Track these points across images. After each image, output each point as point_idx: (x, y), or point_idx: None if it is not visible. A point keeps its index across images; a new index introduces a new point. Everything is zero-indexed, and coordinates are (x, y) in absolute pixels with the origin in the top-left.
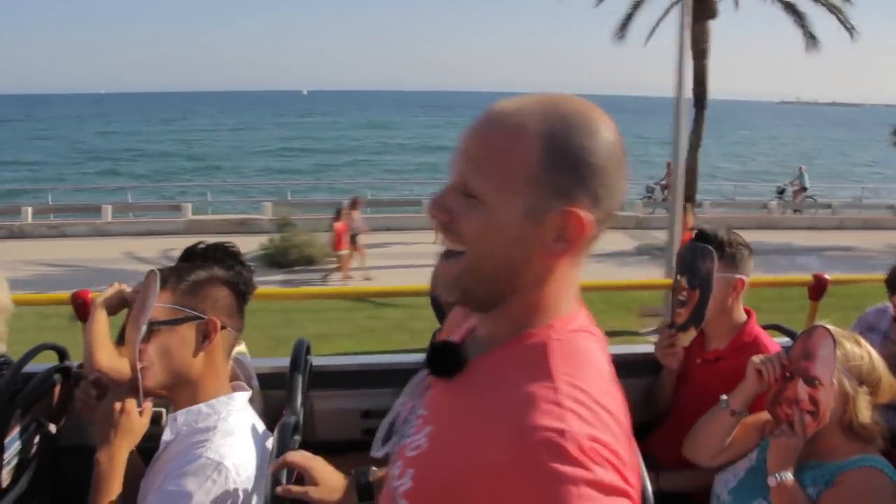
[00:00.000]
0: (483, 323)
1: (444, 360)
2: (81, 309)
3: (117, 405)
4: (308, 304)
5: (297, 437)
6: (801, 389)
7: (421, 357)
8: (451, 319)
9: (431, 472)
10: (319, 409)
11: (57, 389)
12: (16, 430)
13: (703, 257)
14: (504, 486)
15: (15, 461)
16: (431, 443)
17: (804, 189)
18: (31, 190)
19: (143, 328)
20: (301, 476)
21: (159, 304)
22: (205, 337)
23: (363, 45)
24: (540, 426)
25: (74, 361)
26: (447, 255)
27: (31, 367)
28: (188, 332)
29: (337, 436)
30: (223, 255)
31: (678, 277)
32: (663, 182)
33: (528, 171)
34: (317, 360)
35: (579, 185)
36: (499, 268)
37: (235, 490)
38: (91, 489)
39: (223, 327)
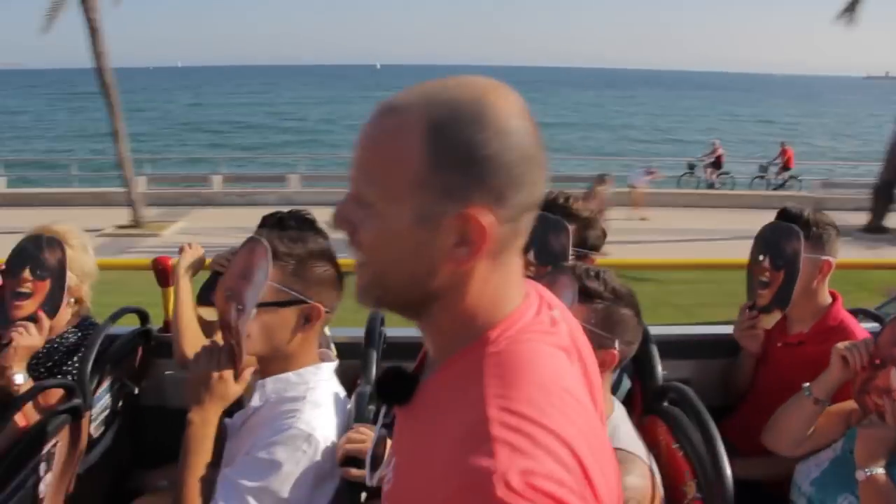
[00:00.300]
0: (426, 339)
1: (391, 386)
2: (162, 275)
3: (215, 373)
4: None
5: (372, 407)
6: (894, 378)
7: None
8: None
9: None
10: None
11: (139, 351)
12: (103, 387)
13: (789, 237)
14: None
15: (102, 417)
16: (395, 476)
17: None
18: (151, 160)
19: (253, 310)
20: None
21: (265, 282)
22: (307, 320)
23: (436, 19)
24: (466, 466)
25: (155, 325)
26: (358, 267)
27: (114, 329)
28: (291, 315)
29: None
30: (300, 223)
31: (760, 257)
32: (777, 161)
33: (413, 173)
34: (389, 332)
35: (474, 183)
36: (403, 278)
37: (324, 461)
38: (182, 449)
39: (327, 311)
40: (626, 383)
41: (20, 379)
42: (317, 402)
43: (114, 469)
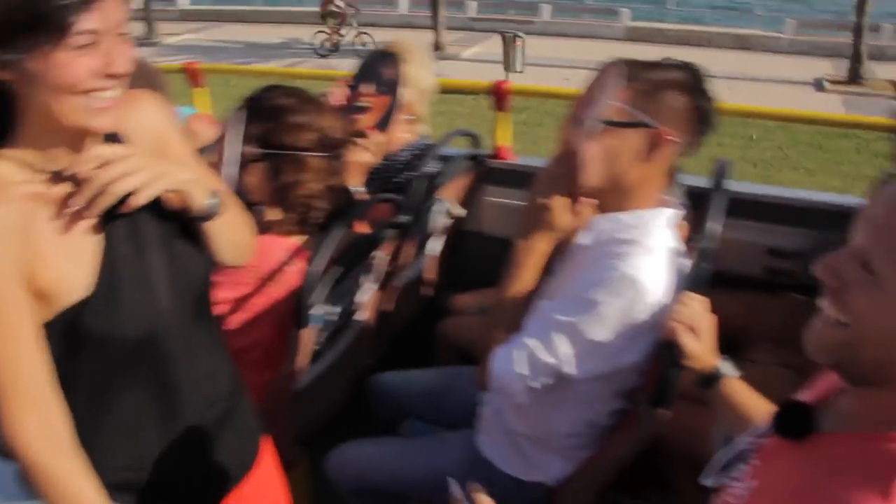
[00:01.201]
0: (851, 395)
1: (793, 420)
2: (500, 99)
3: (543, 201)
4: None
5: (706, 266)
6: None
7: (847, 201)
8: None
9: None
10: (724, 238)
11: (466, 175)
12: (431, 207)
13: None
14: None
15: (423, 236)
16: (751, 499)
17: None
18: None
19: (594, 123)
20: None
21: (613, 102)
22: (652, 147)
23: None
24: None
25: (485, 149)
26: (830, 321)
27: (448, 150)
28: (636, 139)
29: (736, 269)
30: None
31: None
32: None
33: None
34: (735, 186)
35: None
36: (884, 358)
37: (641, 312)
38: (506, 272)
39: (673, 141)
40: None
41: (361, 190)
42: (649, 249)
43: (429, 287)
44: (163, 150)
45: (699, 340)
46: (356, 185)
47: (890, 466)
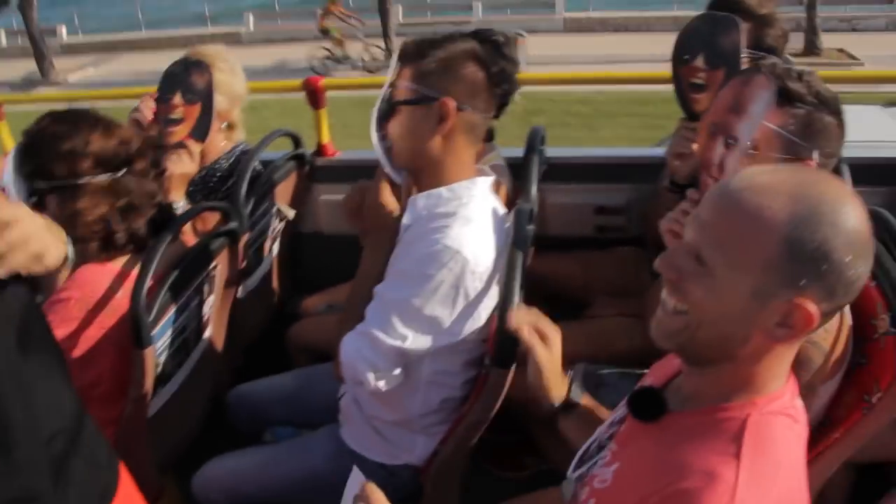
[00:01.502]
0: (690, 377)
1: (646, 404)
2: (313, 96)
3: (375, 197)
4: None
5: (532, 227)
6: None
7: (657, 153)
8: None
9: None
10: (552, 203)
11: (293, 177)
12: (258, 212)
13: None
14: None
15: (259, 242)
16: (614, 481)
17: None
18: None
19: (384, 106)
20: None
21: (402, 84)
22: (441, 117)
23: None
24: (700, 498)
25: (308, 149)
26: (670, 311)
27: (268, 154)
28: (424, 113)
29: (568, 231)
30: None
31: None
32: None
33: (765, 256)
34: (551, 152)
35: (815, 278)
36: (716, 337)
37: (471, 280)
38: (361, 266)
39: (460, 108)
40: None
41: (181, 204)
42: (468, 218)
43: (273, 294)
44: None
45: (549, 349)
46: (177, 197)
47: (730, 431)
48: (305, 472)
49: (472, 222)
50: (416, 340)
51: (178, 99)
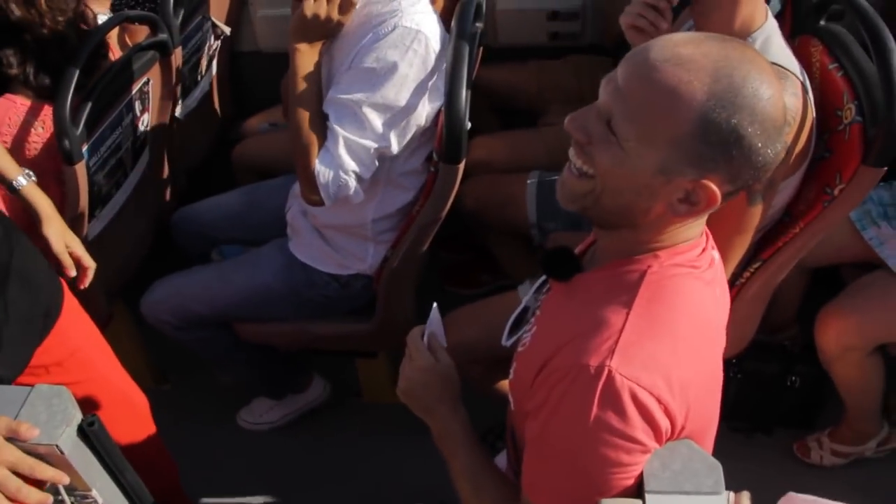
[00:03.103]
0: (599, 238)
1: (558, 263)
2: None
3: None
4: None
5: (479, 25)
6: None
7: None
8: None
9: (522, 370)
10: (502, 9)
11: None
12: (191, 26)
13: None
14: (547, 396)
15: (194, 60)
16: (531, 343)
17: None
18: None
19: None
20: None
21: None
22: None
23: None
24: (588, 350)
25: None
26: (577, 171)
27: None
28: None
29: (520, 40)
30: None
31: None
32: None
33: (676, 133)
34: None
35: (723, 161)
36: (620, 205)
37: (433, 62)
38: (288, 88)
39: None
40: (776, 3)
41: (103, 20)
42: (411, 3)
43: (214, 115)
44: None
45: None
46: (101, 7)
47: (628, 283)
48: (255, 286)
49: (418, 4)
50: (393, 136)
51: None
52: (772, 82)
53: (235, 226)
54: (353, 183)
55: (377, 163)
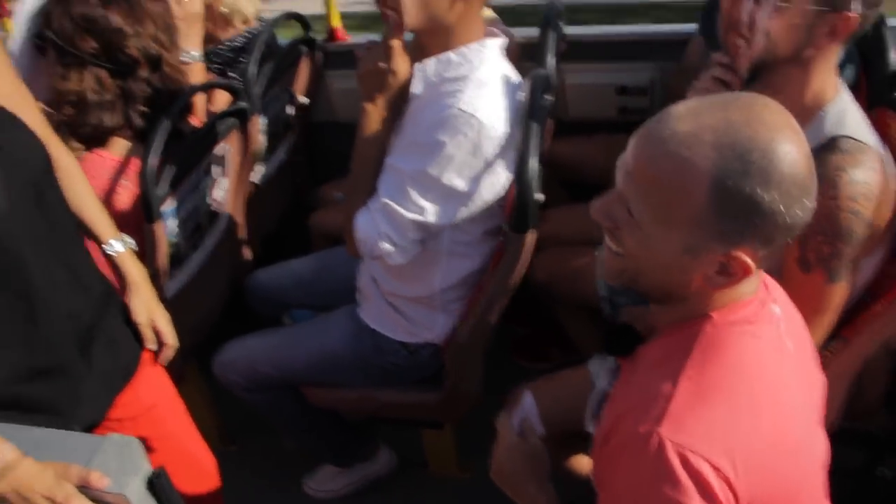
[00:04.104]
0: (655, 310)
1: (618, 339)
2: None
3: (381, 63)
4: None
5: (549, 98)
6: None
7: (681, 29)
8: None
9: (599, 449)
10: (571, 84)
11: (306, 63)
12: (271, 95)
13: None
14: (607, 468)
15: (274, 129)
16: (602, 422)
17: None
18: None
19: None
20: None
21: None
22: None
23: None
24: (640, 419)
25: (318, 35)
26: (612, 252)
27: (282, 40)
28: None
29: (589, 113)
30: None
31: None
32: None
33: (692, 211)
34: (569, 29)
35: (747, 231)
36: (657, 281)
37: (489, 145)
38: (356, 141)
39: None
40: (849, 72)
41: (188, 57)
42: (481, 82)
43: (290, 183)
44: None
45: None
46: (192, 45)
47: (683, 349)
48: (323, 350)
49: (485, 86)
50: (434, 212)
51: None
52: (786, 138)
53: (307, 291)
54: (387, 246)
55: (419, 233)
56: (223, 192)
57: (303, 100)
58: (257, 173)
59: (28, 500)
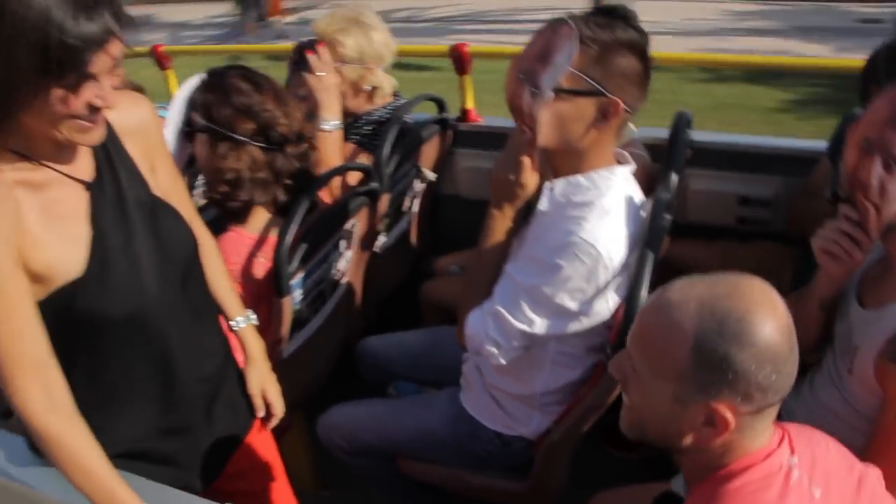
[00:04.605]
0: (679, 465)
1: None
2: (459, 62)
3: (511, 177)
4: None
5: (669, 217)
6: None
7: (810, 146)
8: None
9: None
10: (694, 189)
11: (437, 139)
12: (400, 172)
13: None
14: None
15: (399, 202)
16: None
17: None
18: None
19: (550, 94)
20: None
21: (566, 68)
22: (603, 116)
23: None
24: None
25: (452, 114)
26: (627, 406)
27: (414, 116)
28: (587, 107)
29: (709, 219)
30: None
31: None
32: None
33: (679, 366)
34: (697, 136)
35: (725, 386)
36: (659, 430)
37: (604, 274)
38: (479, 238)
39: (626, 110)
40: None
41: (328, 126)
42: (605, 211)
43: (409, 251)
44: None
45: None
46: (331, 116)
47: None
48: (423, 429)
49: (608, 215)
50: (542, 325)
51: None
52: (763, 311)
53: (415, 365)
54: (493, 348)
55: (524, 341)
56: (346, 262)
57: (430, 175)
58: (379, 243)
59: None
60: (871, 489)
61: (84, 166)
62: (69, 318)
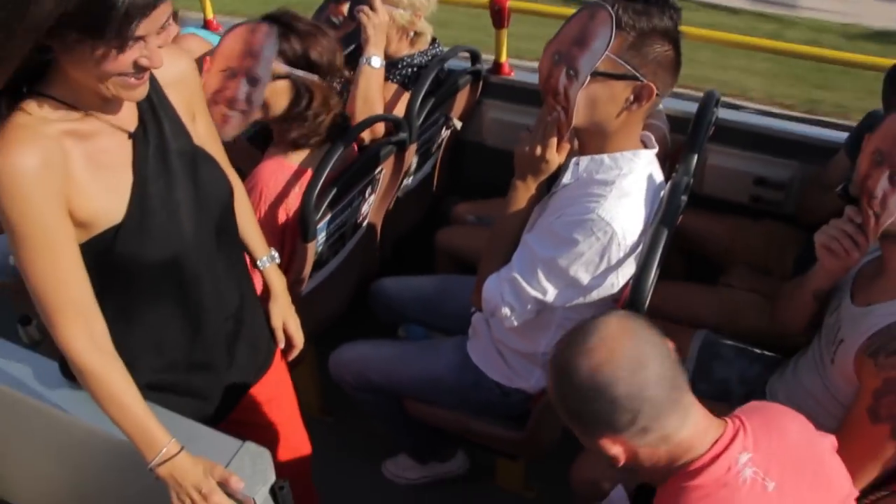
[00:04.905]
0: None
1: (644, 495)
2: (497, 15)
3: (538, 150)
4: None
5: (685, 198)
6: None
7: (830, 136)
8: None
9: None
10: (712, 164)
11: (467, 89)
12: (429, 121)
13: None
14: None
15: (424, 148)
16: None
17: None
18: None
19: (587, 77)
20: None
21: (602, 52)
22: (636, 99)
23: None
24: None
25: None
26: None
27: (449, 64)
28: (621, 90)
29: (723, 194)
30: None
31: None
32: None
33: (566, 416)
34: (723, 114)
35: (602, 423)
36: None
37: (617, 251)
38: (503, 209)
39: (658, 94)
40: None
41: (377, 63)
42: (624, 191)
43: (429, 195)
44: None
45: None
46: (376, 52)
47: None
48: (429, 374)
49: (628, 196)
50: (554, 295)
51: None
52: (590, 361)
53: (425, 309)
54: (507, 311)
55: (536, 306)
56: (369, 206)
57: (458, 124)
58: (402, 187)
59: (181, 487)
60: (826, 462)
61: (129, 116)
62: (107, 261)
